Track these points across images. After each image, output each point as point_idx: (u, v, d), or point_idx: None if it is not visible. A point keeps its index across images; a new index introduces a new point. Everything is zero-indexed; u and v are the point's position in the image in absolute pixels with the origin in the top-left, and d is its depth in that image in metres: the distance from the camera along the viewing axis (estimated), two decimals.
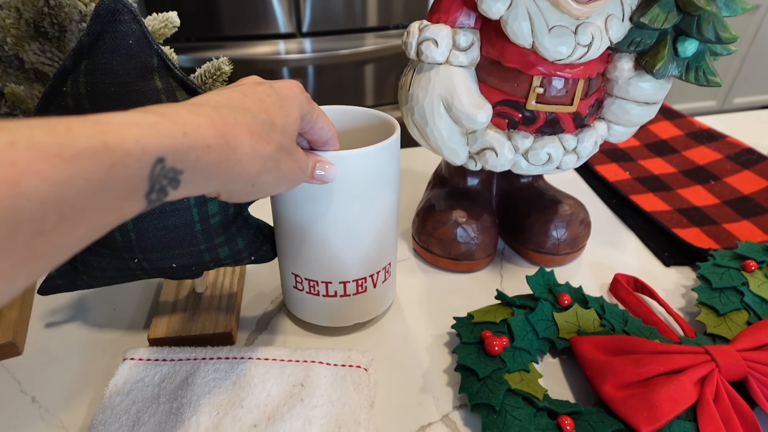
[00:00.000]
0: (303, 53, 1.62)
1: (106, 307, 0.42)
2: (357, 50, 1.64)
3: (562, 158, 0.40)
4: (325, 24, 1.62)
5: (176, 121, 0.20)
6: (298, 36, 1.61)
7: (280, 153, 0.26)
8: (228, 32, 1.56)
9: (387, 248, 0.39)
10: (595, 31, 0.35)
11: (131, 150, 0.18)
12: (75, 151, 0.16)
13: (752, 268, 0.42)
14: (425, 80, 0.39)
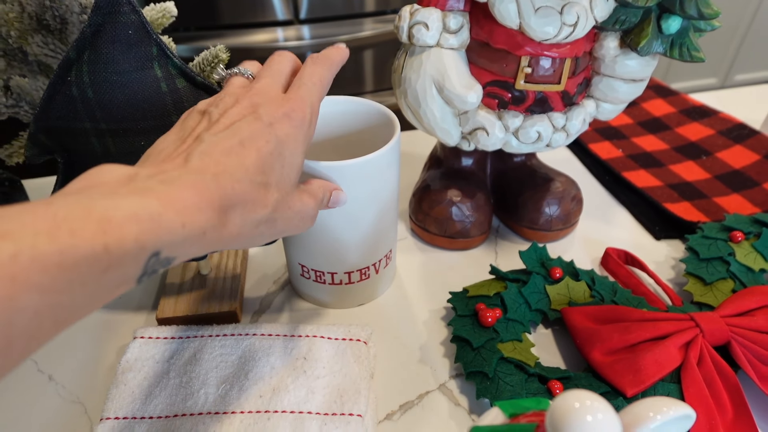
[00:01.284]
0: (301, 40, 1.62)
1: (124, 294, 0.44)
2: (355, 36, 1.64)
3: (552, 136, 0.41)
4: (323, 10, 1.61)
5: (178, 209, 0.20)
6: (296, 23, 1.61)
7: (276, 213, 0.25)
8: (226, 21, 1.56)
9: (388, 237, 0.40)
10: (581, 11, 0.36)
11: (129, 249, 0.18)
12: (76, 260, 0.16)
13: (739, 239, 0.44)
14: (417, 63, 0.40)
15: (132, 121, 0.30)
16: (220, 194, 0.22)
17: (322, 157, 0.42)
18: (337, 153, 0.42)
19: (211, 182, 0.22)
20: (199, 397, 0.33)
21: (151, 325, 0.39)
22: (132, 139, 0.31)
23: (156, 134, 0.31)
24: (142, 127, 0.30)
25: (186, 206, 0.20)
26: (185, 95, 0.31)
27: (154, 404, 0.33)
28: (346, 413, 0.33)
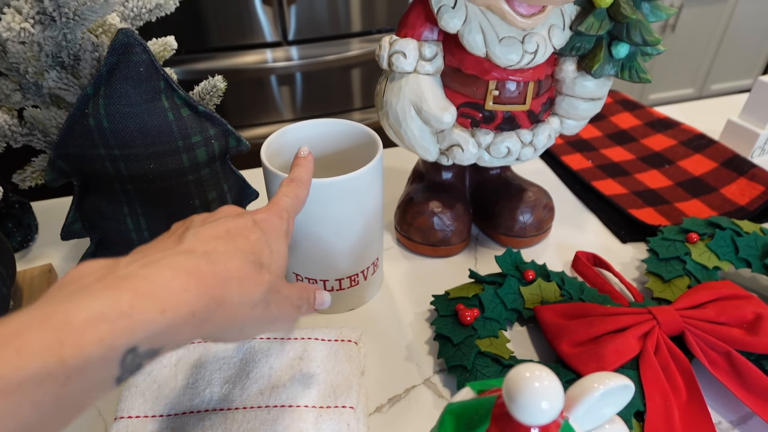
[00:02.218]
0: (290, 60, 1.67)
1: None
2: (343, 55, 1.69)
3: (521, 151, 0.45)
4: (310, 32, 1.67)
5: (156, 296, 0.18)
6: (284, 44, 1.66)
7: (270, 294, 0.24)
8: (216, 43, 1.60)
9: (374, 246, 0.44)
10: (540, 40, 0.40)
11: (93, 354, 0.16)
12: (19, 381, 0.15)
13: (694, 239, 0.48)
14: (397, 88, 0.44)
15: (142, 147, 0.34)
16: (212, 271, 0.21)
17: None
18: (325, 171, 0.46)
19: (201, 260, 0.21)
20: (204, 396, 0.37)
21: None
22: (142, 163, 0.34)
23: (163, 157, 0.35)
24: (151, 151, 0.34)
25: (167, 290, 0.19)
26: (189, 122, 0.35)
27: (164, 404, 0.36)
28: (339, 406, 0.36)
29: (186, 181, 0.36)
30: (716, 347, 0.39)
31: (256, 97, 1.74)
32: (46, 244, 0.54)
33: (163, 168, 0.35)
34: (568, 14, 0.41)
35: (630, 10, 0.39)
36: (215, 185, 0.38)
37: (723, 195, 0.58)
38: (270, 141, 0.41)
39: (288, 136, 0.43)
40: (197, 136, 0.35)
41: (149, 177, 0.35)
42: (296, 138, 0.44)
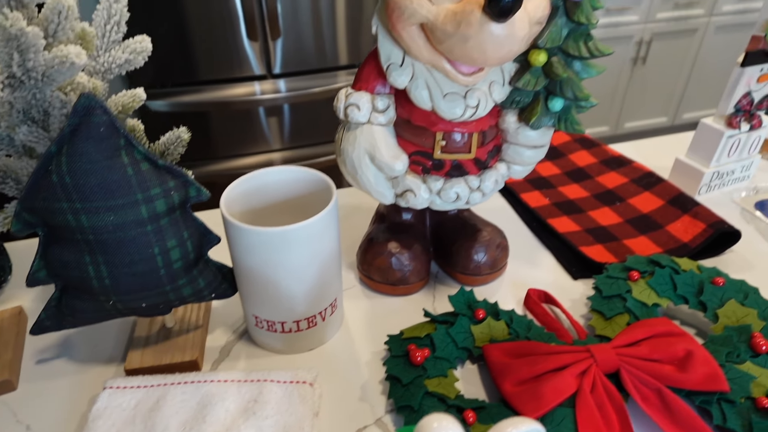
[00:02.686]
0: (278, 93, 1.71)
1: (89, 345, 0.48)
2: (330, 87, 1.73)
3: (469, 195, 0.48)
4: (297, 65, 1.71)
5: None
6: (269, 78, 1.70)
7: None
8: (203, 77, 1.63)
9: (332, 288, 0.46)
10: (481, 95, 0.43)
11: None
12: None
13: (635, 277, 0.51)
14: (353, 137, 0.47)
15: (102, 200, 0.36)
16: None
17: (269, 222, 0.48)
18: (285, 216, 0.48)
19: None
20: None
21: (119, 376, 0.44)
22: (102, 215, 0.36)
23: (123, 210, 0.37)
24: (111, 204, 0.36)
25: None
26: (148, 176, 0.37)
27: None
28: None
29: (145, 231, 0.38)
30: (648, 384, 0.41)
31: (245, 128, 1.77)
32: (20, 285, 0.55)
33: (123, 219, 0.37)
34: (508, 71, 0.45)
35: (562, 69, 0.43)
36: (175, 233, 0.40)
37: (668, 232, 0.61)
38: (229, 190, 0.44)
39: (246, 184, 0.45)
40: (156, 188, 0.38)
41: (109, 228, 0.37)
42: (255, 186, 0.46)
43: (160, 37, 1.52)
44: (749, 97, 0.66)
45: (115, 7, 0.44)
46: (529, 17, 0.38)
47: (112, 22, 0.44)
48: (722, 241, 0.60)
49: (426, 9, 0.38)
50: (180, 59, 1.58)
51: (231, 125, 1.74)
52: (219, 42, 1.58)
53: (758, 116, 0.68)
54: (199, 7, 1.51)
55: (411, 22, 0.39)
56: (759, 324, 0.47)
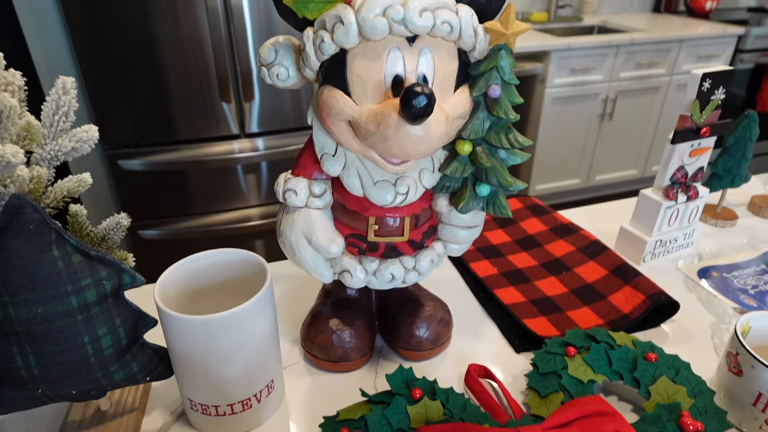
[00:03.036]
0: (255, 151, 1.74)
1: (20, 429, 0.48)
2: None
3: (405, 275, 0.49)
4: (274, 124, 1.75)
5: None
6: (243, 137, 1.73)
7: None
8: (180, 136, 1.67)
9: (267, 369, 0.47)
10: (411, 183, 0.45)
11: None
12: None
13: (572, 353, 0.52)
14: (291, 220, 0.48)
15: (31, 294, 0.37)
16: None
17: (207, 304, 0.49)
18: (223, 298, 0.49)
19: None
20: None
21: None
22: (30, 308, 0.37)
23: (51, 301, 0.37)
24: (40, 297, 0.37)
25: None
26: (79, 267, 0.38)
27: None
28: None
29: (75, 321, 0.39)
30: None
31: (222, 185, 1.79)
32: None
33: (52, 311, 0.37)
34: (438, 158, 0.47)
35: (485, 158, 0.45)
36: (106, 321, 0.40)
37: (610, 303, 0.63)
38: (165, 275, 0.45)
39: (183, 268, 0.47)
40: (87, 279, 0.39)
41: (38, 320, 0.37)
42: (193, 269, 0.47)
43: (139, 98, 1.56)
44: (683, 171, 0.69)
45: (63, 98, 0.46)
46: (448, 115, 0.41)
47: (60, 112, 0.46)
48: (663, 311, 0.62)
49: (351, 108, 0.40)
50: (157, 119, 1.61)
51: (208, 182, 1.76)
52: (195, 102, 1.62)
53: (694, 187, 0.71)
54: (177, 68, 1.56)
55: (339, 119, 0.42)
56: (688, 402, 0.48)
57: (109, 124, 1.56)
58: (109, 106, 1.55)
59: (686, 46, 2.40)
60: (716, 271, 0.72)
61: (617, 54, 2.29)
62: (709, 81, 0.64)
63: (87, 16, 1.43)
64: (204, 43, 1.54)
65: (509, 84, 0.44)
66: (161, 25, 1.48)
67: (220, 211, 1.84)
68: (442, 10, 0.38)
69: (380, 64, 0.39)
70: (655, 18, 2.76)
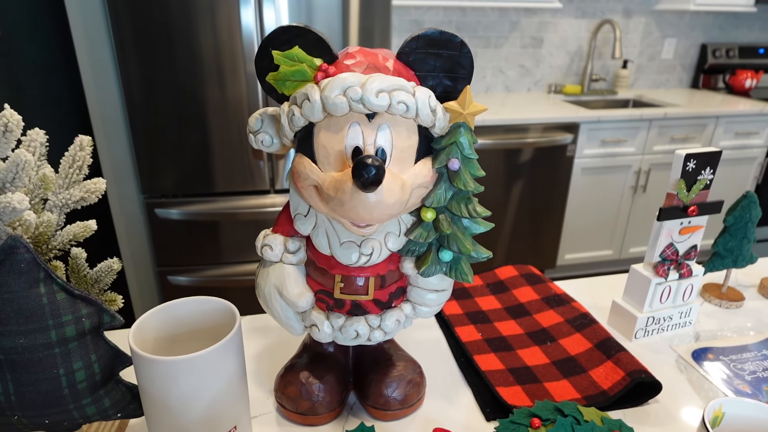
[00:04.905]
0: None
1: None
2: None
3: (370, 333, 0.51)
4: None
5: None
6: (273, 192, 1.82)
7: None
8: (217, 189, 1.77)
9: (230, 415, 0.49)
10: (375, 245, 0.48)
11: None
12: None
13: (537, 425, 0.51)
14: (266, 273, 0.52)
15: (15, 325, 0.41)
16: None
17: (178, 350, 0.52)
18: (196, 344, 0.52)
19: None
20: None
21: None
22: (14, 337, 0.41)
23: (33, 333, 0.42)
24: (23, 329, 0.41)
25: None
26: (62, 304, 0.43)
27: None
28: None
29: (53, 353, 0.43)
30: None
31: (252, 237, 1.87)
32: None
33: (32, 342, 0.42)
34: (405, 223, 0.50)
35: (447, 225, 0.48)
36: (82, 356, 0.44)
37: (591, 377, 0.62)
38: (141, 320, 0.49)
39: (159, 314, 0.50)
40: (68, 315, 0.43)
41: (19, 349, 0.42)
42: (167, 317, 0.51)
43: (181, 152, 1.69)
44: (673, 248, 0.69)
45: (79, 154, 0.53)
46: (405, 183, 0.44)
47: (75, 166, 0.53)
48: (646, 390, 0.60)
49: (316, 174, 0.45)
50: (197, 172, 1.73)
51: (239, 233, 1.85)
52: (233, 159, 1.73)
53: (687, 265, 0.71)
54: (218, 127, 1.68)
55: (307, 183, 0.46)
56: None
57: (151, 175, 1.69)
58: (152, 159, 1.67)
59: (723, 122, 2.38)
60: (713, 353, 0.70)
61: (650, 128, 2.29)
62: (693, 161, 0.65)
63: (143, 72, 1.58)
64: (242, 106, 1.66)
65: (469, 158, 0.47)
66: (209, 88, 1.62)
67: (249, 261, 1.91)
68: (398, 91, 0.42)
69: (342, 137, 0.43)
70: (693, 94, 2.76)
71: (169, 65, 1.58)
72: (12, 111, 0.44)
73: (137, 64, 1.57)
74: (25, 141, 0.51)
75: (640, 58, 2.83)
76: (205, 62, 1.59)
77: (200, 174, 1.72)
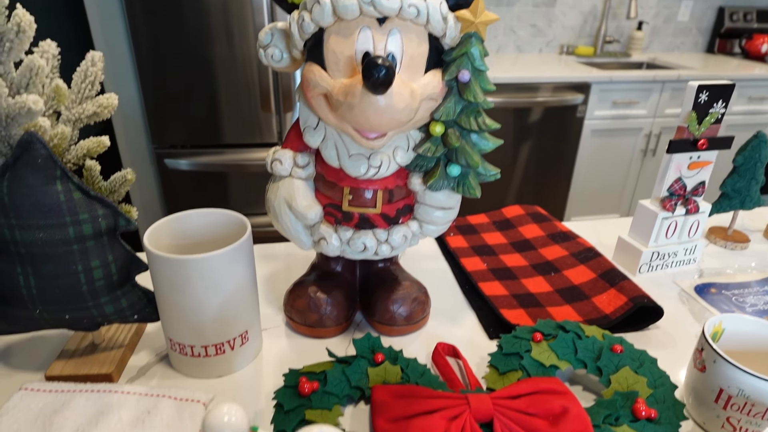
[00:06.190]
0: None
1: (23, 355, 0.53)
2: None
3: (377, 247, 0.53)
4: None
5: None
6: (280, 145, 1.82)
7: None
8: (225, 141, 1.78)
9: (240, 319, 0.50)
10: (384, 158, 0.49)
11: None
12: None
13: (538, 339, 0.53)
14: (275, 188, 0.53)
15: (34, 219, 0.42)
16: None
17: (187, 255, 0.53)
18: None
19: None
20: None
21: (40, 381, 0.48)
22: (33, 232, 0.43)
23: (51, 229, 0.43)
24: (42, 223, 0.43)
25: None
26: (79, 203, 0.44)
27: None
28: None
29: (71, 250, 0.44)
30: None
31: (260, 189, 1.88)
32: None
33: (51, 237, 0.43)
34: (413, 138, 0.51)
35: (455, 139, 0.48)
36: (99, 255, 0.46)
37: (593, 303, 0.63)
38: (154, 226, 0.50)
39: (172, 223, 0.52)
40: (84, 214, 0.44)
41: (38, 243, 0.43)
42: (179, 226, 0.52)
43: (191, 105, 1.69)
44: (681, 183, 0.69)
45: (91, 69, 0.54)
46: (414, 91, 0.44)
47: (87, 81, 0.53)
48: (648, 317, 0.61)
49: (326, 81, 0.45)
50: (206, 124, 1.73)
51: (247, 185, 1.86)
52: (241, 111, 1.73)
53: (694, 201, 0.71)
54: (227, 81, 1.67)
55: (316, 92, 0.46)
56: (647, 391, 0.48)
57: (161, 126, 1.69)
58: (161, 110, 1.67)
59: (737, 87, 2.33)
60: (715, 287, 0.71)
61: (663, 90, 2.26)
62: (705, 93, 0.64)
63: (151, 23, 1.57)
64: (251, 61, 1.65)
65: (480, 70, 0.47)
66: (217, 45, 1.61)
67: (256, 214, 1.93)
68: None
69: (352, 41, 0.43)
70: (708, 59, 2.70)
71: (177, 14, 1.57)
72: (24, 11, 0.45)
73: (145, 16, 1.56)
74: (38, 51, 0.51)
75: (656, 20, 2.76)
76: (212, 13, 1.57)
77: (209, 125, 1.73)
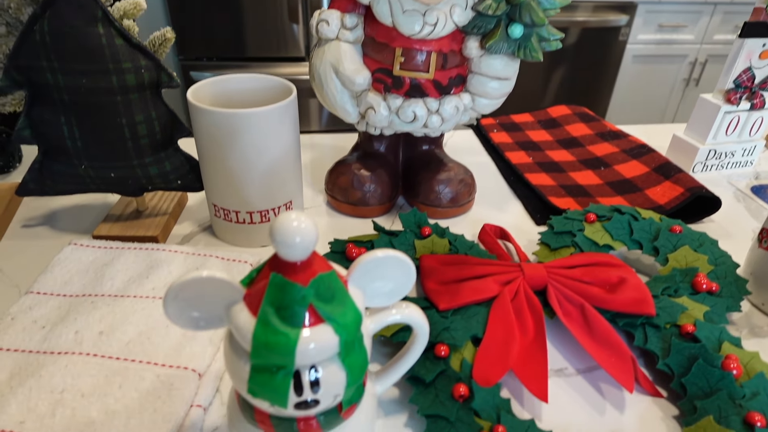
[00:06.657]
0: None
1: (69, 218, 0.53)
2: None
3: (428, 118, 0.50)
4: None
5: None
6: (307, 60, 1.77)
7: None
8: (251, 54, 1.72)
9: (285, 187, 0.49)
10: (440, 15, 0.45)
11: None
12: None
13: (592, 219, 0.51)
14: (321, 52, 0.50)
15: (76, 63, 0.40)
16: None
17: None
18: None
19: None
20: (105, 283, 0.42)
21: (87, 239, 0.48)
22: (76, 77, 0.41)
23: (94, 75, 0.41)
24: (84, 68, 0.41)
25: None
26: (121, 50, 0.42)
27: (69, 287, 0.42)
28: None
29: (114, 100, 0.42)
30: (573, 300, 0.41)
31: None
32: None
33: (94, 85, 0.41)
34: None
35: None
36: (143, 110, 0.44)
37: (646, 194, 0.60)
38: (198, 85, 0.48)
39: (215, 84, 0.49)
40: (127, 62, 0.42)
41: (82, 91, 0.41)
42: (223, 88, 0.50)
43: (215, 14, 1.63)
44: (750, 73, 0.64)
45: None
46: None
47: None
48: (703, 209, 0.58)
49: None
50: (231, 35, 1.67)
51: None
52: (267, 22, 1.67)
53: (761, 95, 0.66)
54: None
55: None
56: (707, 268, 0.46)
57: (186, 36, 1.64)
58: (186, 21, 1.62)
59: None
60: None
61: (713, 13, 2.10)
62: None
63: None
64: None
65: None
66: None
67: None
68: None
69: None
70: None
71: None
72: None
73: None
74: None
75: None
76: None
77: (233, 36, 1.67)
